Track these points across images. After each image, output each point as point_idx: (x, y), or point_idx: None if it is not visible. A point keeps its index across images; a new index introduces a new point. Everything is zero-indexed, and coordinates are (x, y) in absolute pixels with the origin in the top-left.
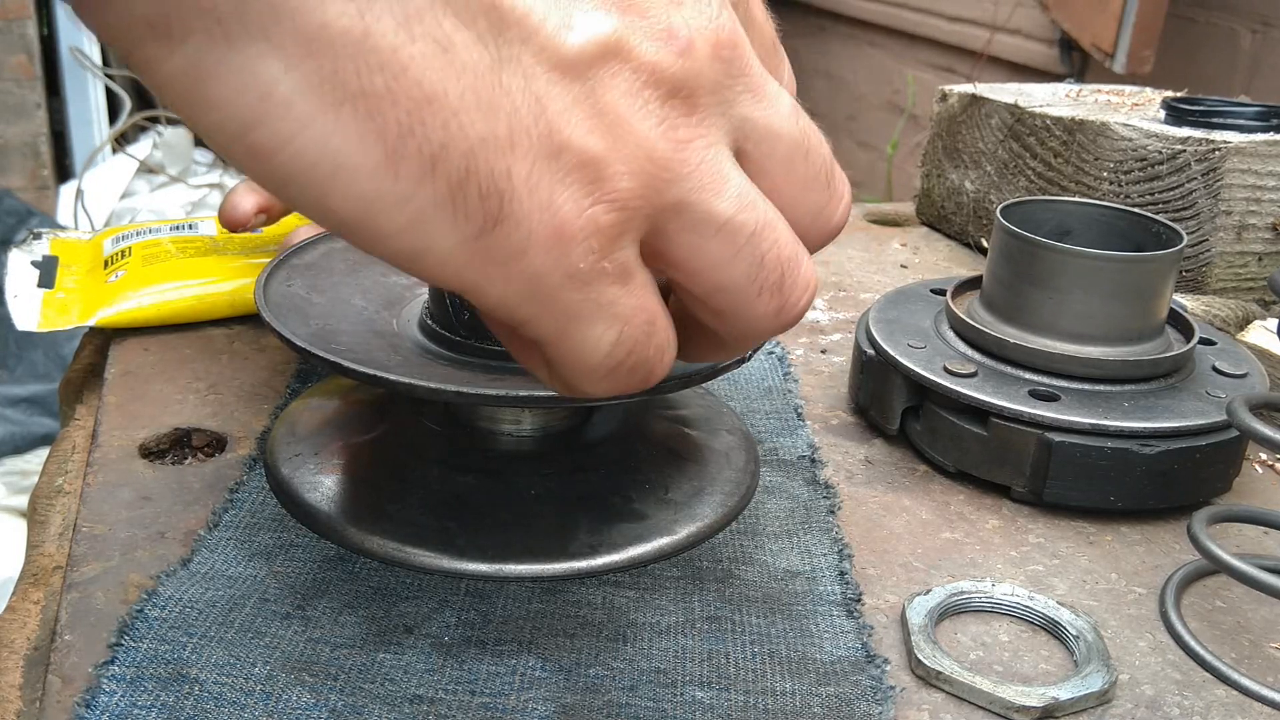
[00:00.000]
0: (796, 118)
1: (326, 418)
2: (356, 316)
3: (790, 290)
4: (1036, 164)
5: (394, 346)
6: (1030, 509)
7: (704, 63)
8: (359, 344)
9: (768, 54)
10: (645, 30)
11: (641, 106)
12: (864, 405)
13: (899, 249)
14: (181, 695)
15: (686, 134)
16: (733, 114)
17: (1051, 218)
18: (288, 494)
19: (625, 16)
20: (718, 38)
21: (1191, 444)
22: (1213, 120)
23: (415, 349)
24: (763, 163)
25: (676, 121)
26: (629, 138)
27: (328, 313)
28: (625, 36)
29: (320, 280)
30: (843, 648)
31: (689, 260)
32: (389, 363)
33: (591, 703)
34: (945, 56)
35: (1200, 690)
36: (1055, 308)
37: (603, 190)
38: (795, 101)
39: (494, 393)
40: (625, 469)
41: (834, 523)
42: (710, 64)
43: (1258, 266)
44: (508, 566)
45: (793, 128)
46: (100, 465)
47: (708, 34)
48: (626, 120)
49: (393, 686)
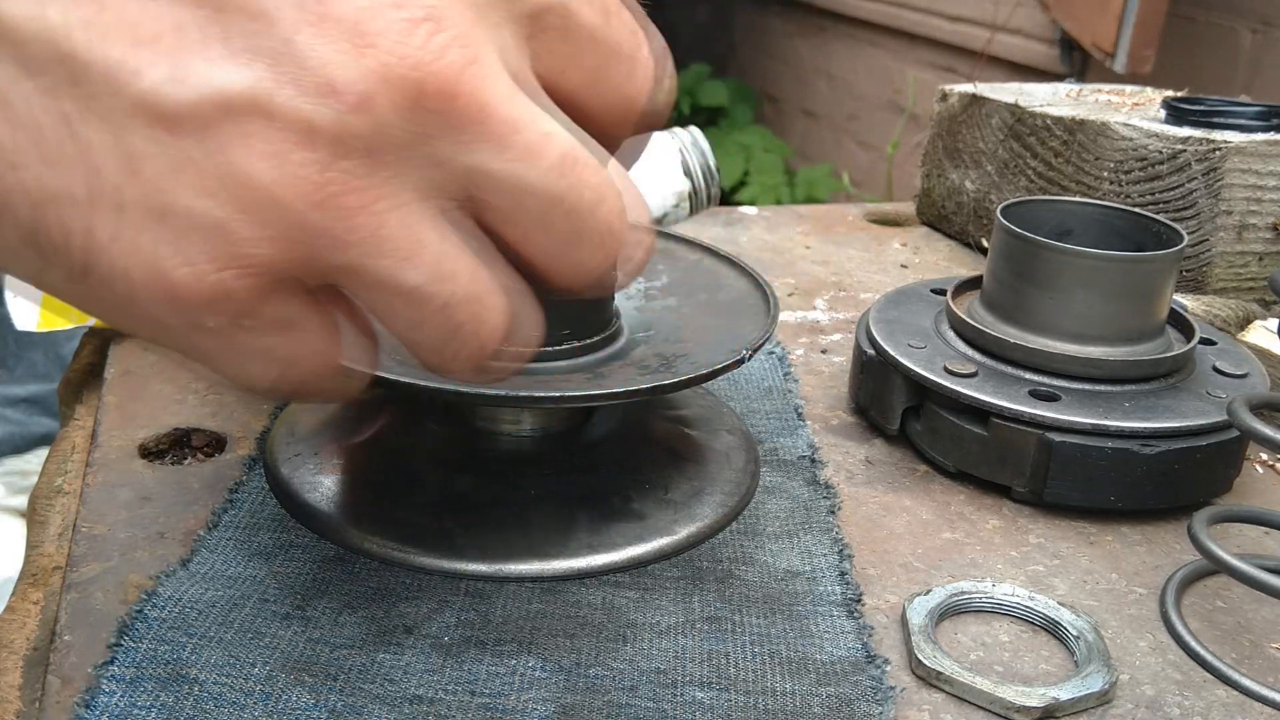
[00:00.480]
0: (561, 166)
1: (326, 418)
2: None
3: (485, 366)
4: (1037, 164)
5: (395, 346)
6: (1031, 509)
7: (390, 117)
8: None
9: (608, 49)
10: (296, 83)
11: (287, 168)
12: (864, 405)
13: (899, 249)
14: (181, 696)
15: (357, 198)
16: (451, 167)
17: (1052, 217)
18: (287, 494)
19: (271, 69)
20: (420, 88)
21: (1192, 444)
22: (1213, 120)
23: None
24: (510, 215)
25: (342, 183)
26: (265, 202)
27: None
28: (264, 91)
29: None
30: (843, 648)
31: (374, 311)
32: (389, 362)
33: (591, 703)
34: (946, 56)
35: (1201, 690)
36: (1056, 308)
37: (231, 256)
38: (573, 145)
39: (491, 392)
40: (625, 469)
41: (834, 523)
42: (402, 118)
43: (1258, 266)
44: (507, 566)
45: (548, 179)
46: (100, 465)
47: (403, 84)
48: (263, 183)
49: (392, 687)
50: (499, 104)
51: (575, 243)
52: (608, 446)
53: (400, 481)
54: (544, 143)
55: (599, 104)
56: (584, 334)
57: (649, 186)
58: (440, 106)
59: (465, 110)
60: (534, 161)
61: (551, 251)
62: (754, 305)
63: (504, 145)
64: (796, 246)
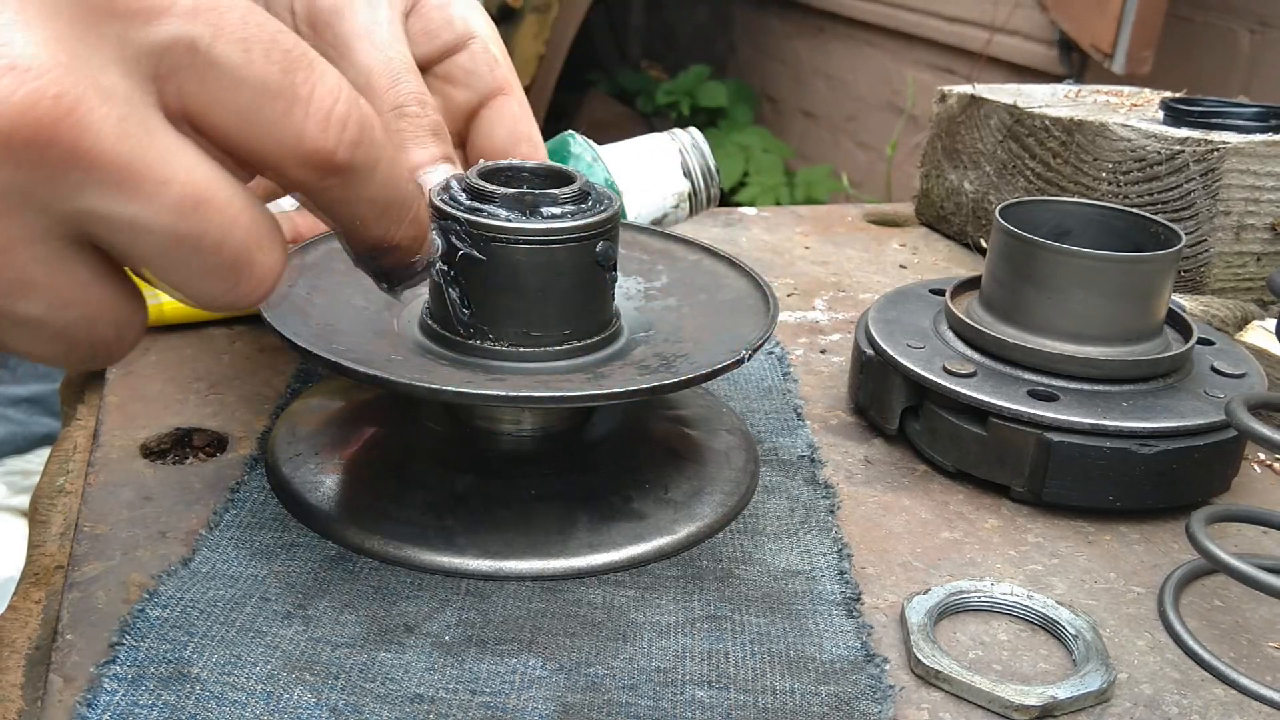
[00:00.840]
0: (180, 207)
1: (327, 418)
2: (357, 316)
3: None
4: (1035, 164)
5: (394, 346)
6: (1029, 509)
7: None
8: (360, 344)
9: (254, 88)
10: None
11: None
12: (863, 405)
13: (898, 249)
14: (183, 694)
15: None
16: (58, 211)
17: (1050, 218)
18: (289, 493)
19: None
20: (8, 139)
21: (1190, 444)
22: (1211, 121)
23: (416, 349)
24: (132, 252)
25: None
26: None
27: (328, 312)
28: None
29: (321, 280)
30: (842, 647)
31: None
32: (389, 363)
33: (592, 701)
34: (944, 57)
35: (1199, 689)
36: (1054, 308)
37: None
38: (200, 184)
39: (491, 392)
40: (625, 469)
41: (833, 522)
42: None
43: (1256, 266)
44: (507, 564)
45: (166, 219)
46: (101, 465)
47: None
48: None
49: (393, 686)
50: (105, 147)
51: (203, 276)
52: (608, 446)
53: (401, 481)
54: (161, 184)
55: (255, 143)
56: (584, 334)
57: (649, 187)
58: (35, 155)
59: (65, 156)
60: (149, 202)
61: (180, 282)
62: (753, 305)
63: (115, 189)
64: (796, 247)
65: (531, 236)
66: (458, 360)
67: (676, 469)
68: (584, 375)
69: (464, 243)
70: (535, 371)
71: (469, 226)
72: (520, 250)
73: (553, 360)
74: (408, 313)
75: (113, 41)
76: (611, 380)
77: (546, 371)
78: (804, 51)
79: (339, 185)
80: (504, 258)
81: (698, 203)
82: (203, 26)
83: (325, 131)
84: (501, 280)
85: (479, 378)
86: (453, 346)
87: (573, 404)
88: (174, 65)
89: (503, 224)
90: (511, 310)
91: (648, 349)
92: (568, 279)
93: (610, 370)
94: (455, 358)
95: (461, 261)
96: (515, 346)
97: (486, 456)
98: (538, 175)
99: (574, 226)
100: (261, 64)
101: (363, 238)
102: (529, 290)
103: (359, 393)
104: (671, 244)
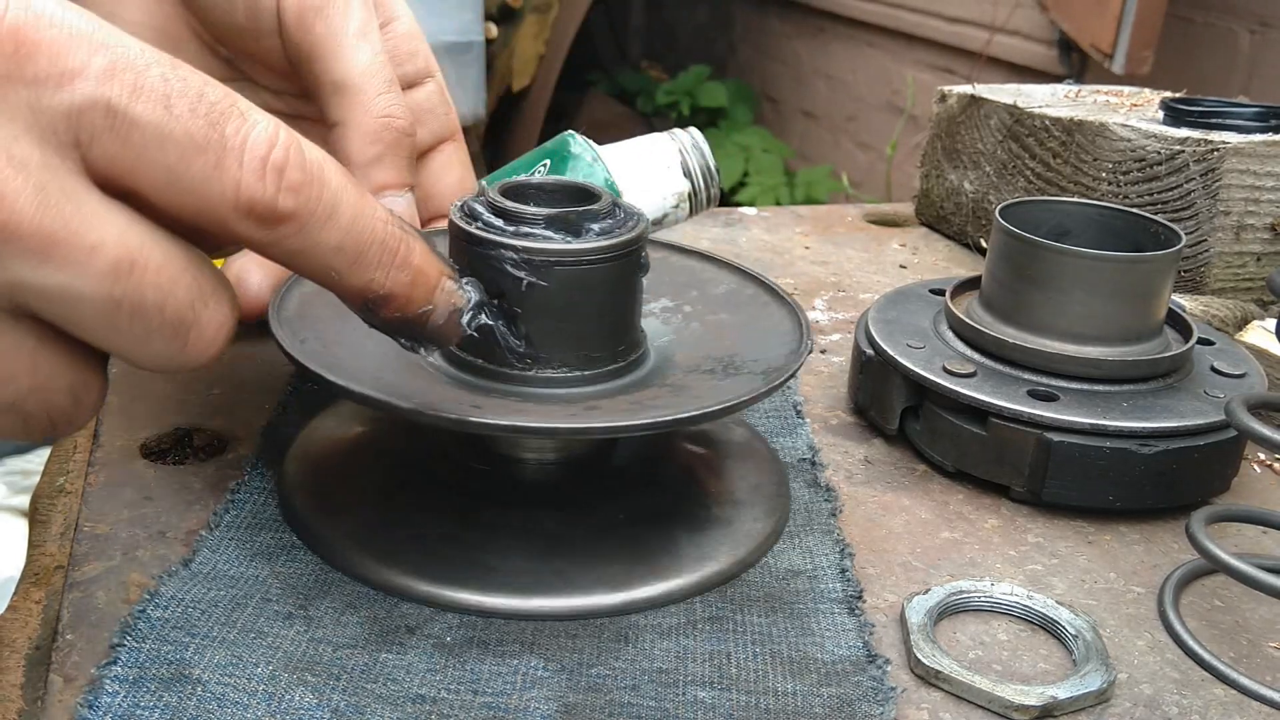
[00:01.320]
0: (114, 272)
1: (345, 447)
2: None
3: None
4: (1035, 164)
5: (413, 372)
6: (1029, 508)
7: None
8: (379, 366)
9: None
10: None
11: None
12: (863, 405)
13: (898, 249)
14: (184, 696)
15: None
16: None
17: (1050, 218)
18: (307, 530)
19: None
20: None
21: (1190, 444)
22: (1211, 121)
23: (439, 374)
24: (70, 320)
25: None
26: None
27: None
28: None
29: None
30: (844, 647)
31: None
32: (410, 389)
33: (594, 702)
34: (944, 57)
35: (1199, 689)
36: (1054, 308)
37: None
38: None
39: (502, 422)
40: (652, 496)
41: (835, 526)
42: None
43: (1256, 267)
44: (534, 602)
45: (100, 286)
46: (102, 465)
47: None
48: None
49: (395, 686)
50: (24, 219)
51: (148, 340)
52: (635, 471)
53: (425, 513)
54: (89, 251)
55: (190, 200)
56: (631, 347)
57: (649, 187)
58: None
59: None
60: (80, 270)
61: (124, 348)
62: (752, 296)
63: (41, 259)
64: (796, 247)
65: (594, 256)
66: (481, 386)
67: (705, 499)
68: (626, 400)
69: (523, 270)
70: (567, 398)
71: (526, 254)
72: (585, 271)
73: (608, 380)
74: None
75: (23, 110)
76: (649, 410)
77: (580, 398)
78: (804, 52)
79: (293, 235)
80: (570, 281)
81: (698, 203)
82: (118, 87)
83: (263, 180)
84: (564, 305)
85: (499, 403)
86: (477, 372)
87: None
88: (92, 129)
89: (565, 246)
90: (572, 334)
91: (689, 353)
92: (621, 294)
93: (685, 381)
94: (478, 383)
95: (517, 292)
96: (579, 370)
97: (518, 486)
98: (552, 192)
99: (625, 241)
100: (187, 119)
101: (344, 289)
102: (590, 311)
103: (371, 418)
104: (698, 261)
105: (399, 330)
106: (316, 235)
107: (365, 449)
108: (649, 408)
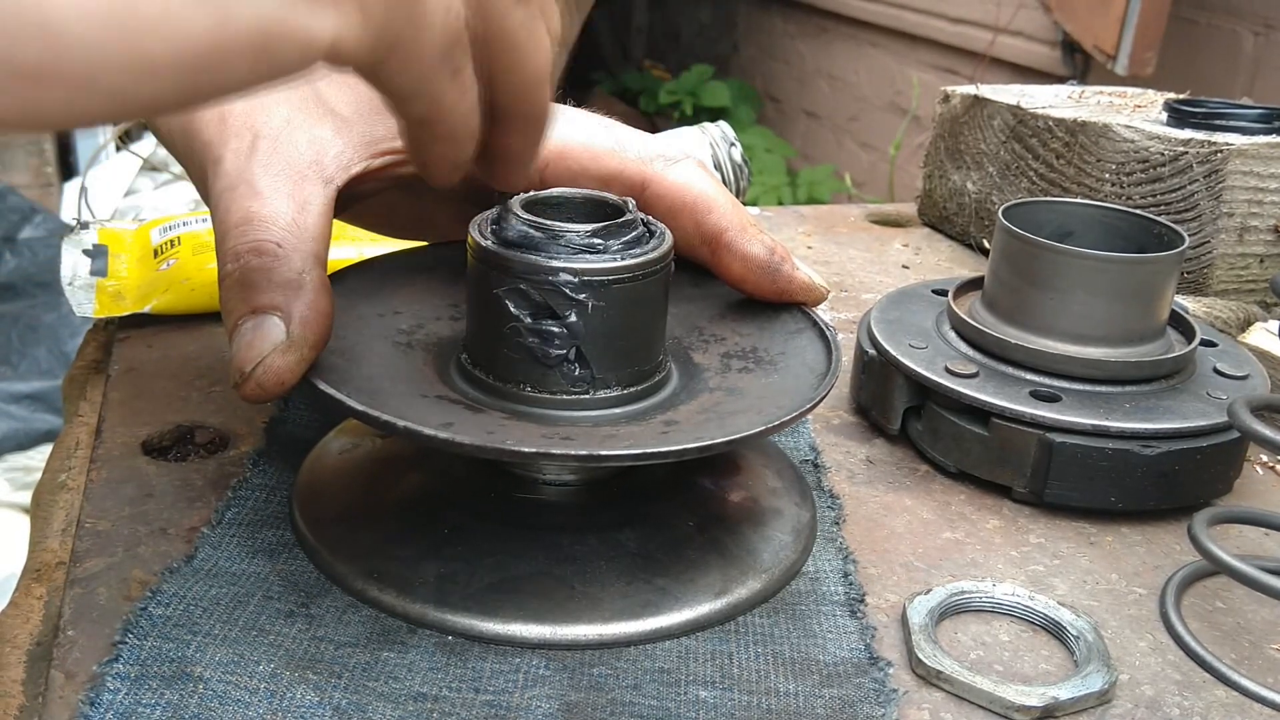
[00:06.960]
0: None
1: (358, 477)
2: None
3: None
4: (1038, 165)
5: (425, 394)
6: (1031, 509)
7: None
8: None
9: None
10: None
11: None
12: (865, 405)
13: (901, 249)
14: (186, 693)
15: None
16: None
17: (1053, 219)
18: (322, 560)
19: None
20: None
21: (1192, 445)
22: (1215, 122)
23: (454, 394)
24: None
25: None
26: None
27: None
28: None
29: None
30: (846, 648)
31: (502, 76)
32: (424, 412)
33: (595, 700)
34: (948, 58)
35: (1200, 691)
36: (1057, 309)
37: (459, 11)
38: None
39: (508, 446)
40: (672, 520)
41: (838, 533)
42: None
43: (1259, 268)
44: (562, 630)
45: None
46: (103, 461)
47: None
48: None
49: (396, 684)
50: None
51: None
52: (653, 495)
53: (445, 540)
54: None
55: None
56: (664, 359)
57: None
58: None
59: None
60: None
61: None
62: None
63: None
64: (798, 247)
65: (642, 270)
66: (490, 405)
67: (727, 525)
68: (657, 428)
69: (579, 292)
70: (591, 420)
71: (583, 274)
72: (639, 286)
73: (605, 408)
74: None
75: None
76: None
77: (609, 420)
78: (807, 52)
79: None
80: (624, 297)
81: None
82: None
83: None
84: (619, 322)
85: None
86: (488, 390)
87: (589, 463)
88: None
89: (617, 263)
90: (623, 351)
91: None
92: (663, 306)
93: (677, 424)
94: (489, 402)
95: (573, 312)
96: (632, 387)
97: (525, 509)
98: (579, 205)
99: (664, 252)
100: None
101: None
102: (640, 325)
103: (383, 440)
104: None
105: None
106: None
107: (382, 475)
108: (724, 421)
